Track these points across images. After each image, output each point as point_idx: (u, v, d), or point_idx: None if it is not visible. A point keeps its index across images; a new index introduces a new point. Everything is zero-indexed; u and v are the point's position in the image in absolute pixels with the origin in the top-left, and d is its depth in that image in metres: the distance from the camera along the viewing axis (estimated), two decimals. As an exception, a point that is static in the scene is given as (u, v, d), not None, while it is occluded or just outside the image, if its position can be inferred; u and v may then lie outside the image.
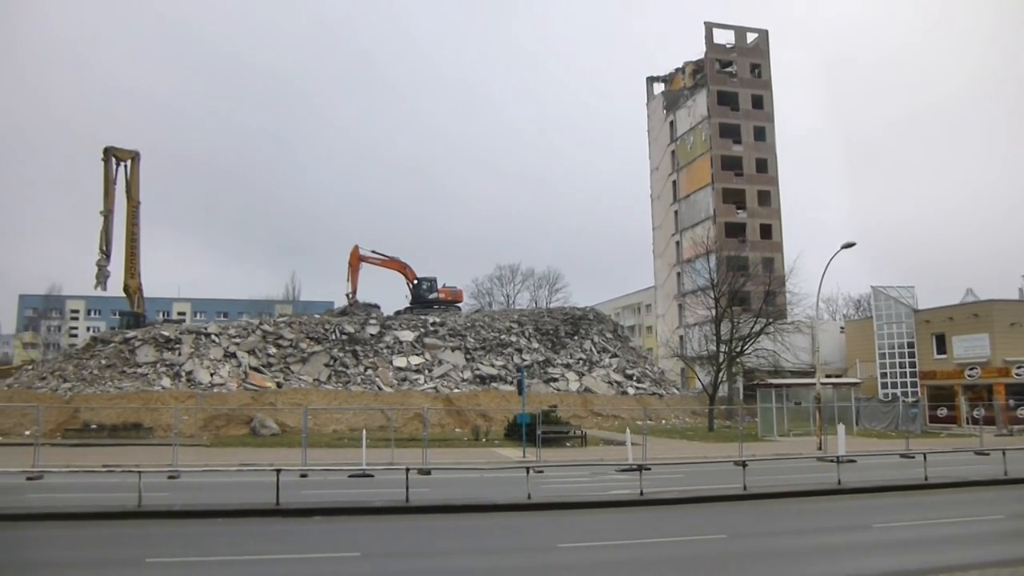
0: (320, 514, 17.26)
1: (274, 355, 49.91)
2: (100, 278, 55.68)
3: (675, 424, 48.26)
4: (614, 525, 16.92)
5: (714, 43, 79.89)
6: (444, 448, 32.33)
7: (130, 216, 57.21)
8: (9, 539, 14.52)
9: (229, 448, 32.23)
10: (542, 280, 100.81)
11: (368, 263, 64.97)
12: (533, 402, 39.80)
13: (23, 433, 34.45)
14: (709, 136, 77.22)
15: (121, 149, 57.28)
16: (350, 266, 63.80)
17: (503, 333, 57.32)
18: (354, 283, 64.04)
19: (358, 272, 64.10)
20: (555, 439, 33.80)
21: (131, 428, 36.27)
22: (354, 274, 63.87)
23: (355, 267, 63.79)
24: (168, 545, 14.09)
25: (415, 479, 19.29)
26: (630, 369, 57.75)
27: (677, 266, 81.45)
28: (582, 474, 25.08)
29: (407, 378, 50.10)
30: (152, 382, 44.80)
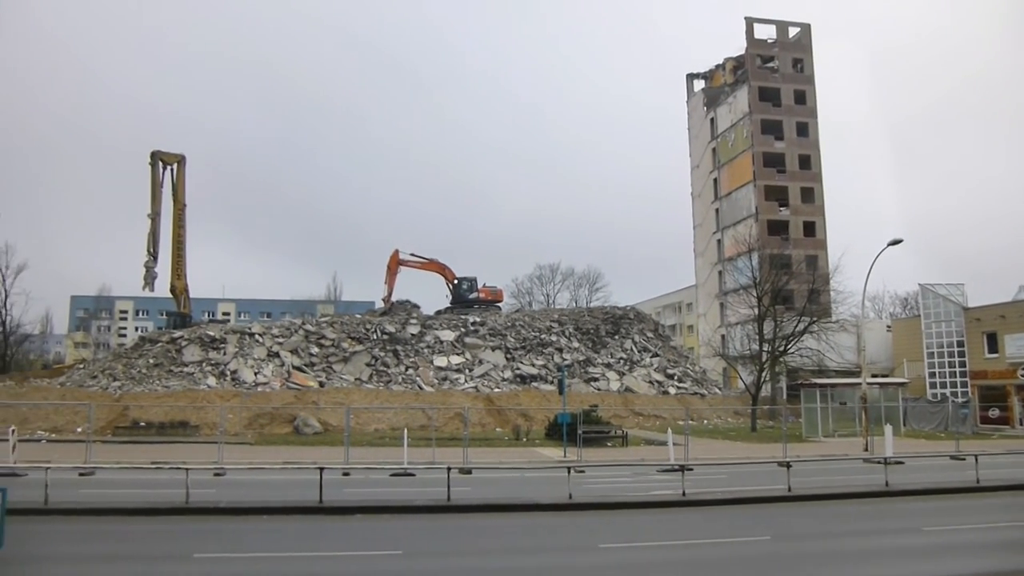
0: (362, 512, 17.41)
1: (316, 355, 50.50)
2: (148, 279, 56.90)
3: (717, 424, 47.77)
4: (656, 526, 16.78)
5: (755, 38, 78.87)
6: (485, 447, 32.40)
7: (176, 218, 58.39)
8: (64, 532, 14.88)
9: (273, 446, 32.67)
10: (582, 279, 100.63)
11: (408, 266, 65.36)
12: (574, 402, 39.69)
13: (76, 430, 35.34)
14: (751, 133, 76.28)
15: (167, 153, 58.49)
16: (388, 270, 64.19)
17: (543, 332, 57.28)
18: (391, 287, 64.50)
19: (396, 276, 64.49)
20: (596, 439, 33.67)
21: (178, 426, 36.90)
22: (392, 278, 64.26)
23: (393, 271, 64.18)
24: (215, 541, 14.33)
25: (456, 478, 19.35)
26: (671, 368, 57.32)
27: (718, 264, 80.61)
28: (623, 474, 24.93)
29: (448, 377, 50.34)
30: (198, 381, 45.64)
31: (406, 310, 63.05)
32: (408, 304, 65.07)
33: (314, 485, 17.93)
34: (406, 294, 68.92)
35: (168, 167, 58.24)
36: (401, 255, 64.56)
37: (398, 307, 63.75)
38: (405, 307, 64.22)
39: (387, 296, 64.58)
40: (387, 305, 64.16)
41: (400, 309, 63.32)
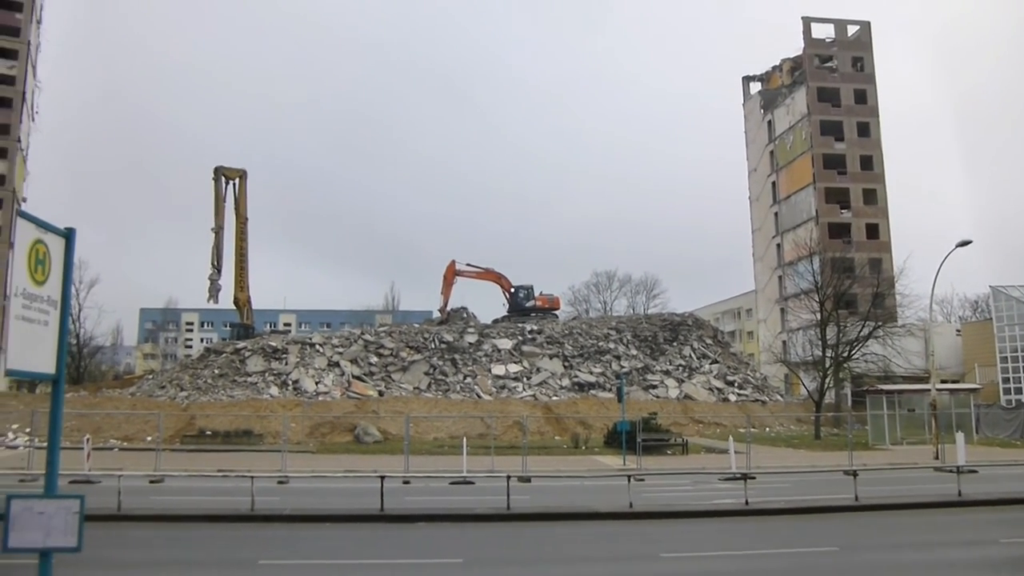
0: (423, 520, 17.52)
1: (375, 364, 51.10)
2: (212, 291, 58.39)
3: (779, 432, 46.82)
4: (719, 535, 16.52)
5: (812, 38, 77.46)
6: (543, 456, 32.32)
7: (239, 232, 59.83)
8: (136, 538, 15.32)
9: (334, 455, 33.09)
10: (639, 286, 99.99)
11: (464, 276, 65.68)
12: (632, 409, 39.34)
13: (146, 439, 36.36)
14: (810, 134, 74.83)
15: (230, 168, 60.00)
16: (444, 280, 64.56)
17: (601, 340, 56.99)
18: (446, 297, 64.84)
19: (452, 287, 64.82)
20: (655, 447, 33.33)
21: (242, 434, 37.62)
22: (447, 288, 64.60)
23: (450, 281, 64.50)
24: (279, 548, 14.57)
25: (515, 486, 19.35)
26: (731, 375, 56.45)
27: (778, 269, 79.18)
28: (684, 482, 24.59)
29: (506, 386, 50.43)
30: (261, 390, 46.59)
31: (462, 318, 63.37)
32: (464, 311, 65.38)
33: (375, 493, 18.11)
34: (462, 303, 69.23)
35: (231, 182, 59.75)
36: (457, 265, 64.93)
37: (454, 315, 64.14)
38: (461, 315, 64.54)
39: (443, 307, 65.03)
40: (443, 315, 64.59)
41: (456, 318, 63.68)
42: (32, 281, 5.04)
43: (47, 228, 5.20)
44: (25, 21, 60.66)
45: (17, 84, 59.77)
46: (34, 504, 5.22)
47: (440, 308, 65.31)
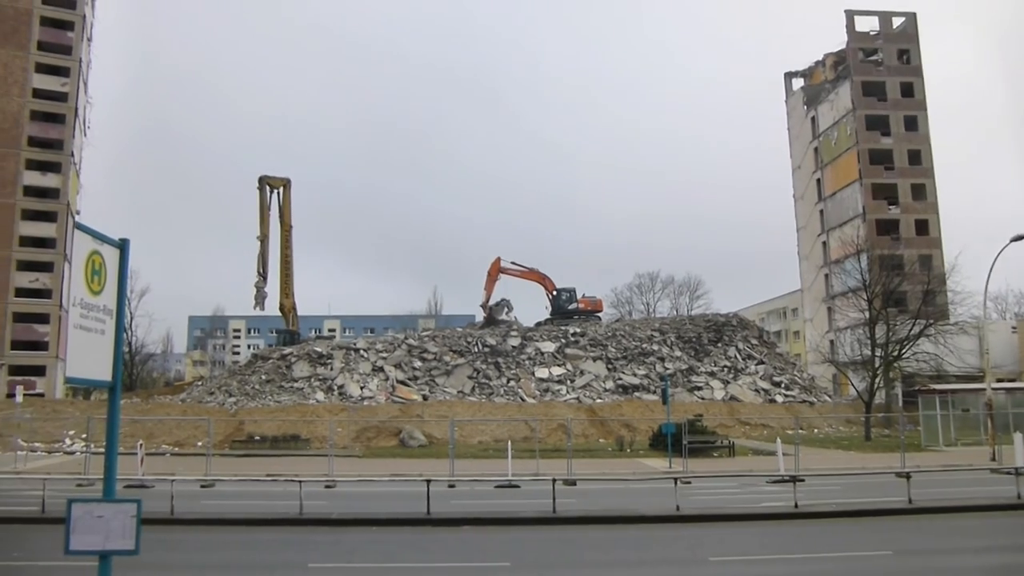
0: (469, 524, 17.57)
1: (419, 368, 51.43)
2: (258, 299, 59.39)
3: (828, 433, 46.02)
4: (768, 539, 16.28)
5: (856, 31, 76.10)
6: (588, 459, 32.20)
7: (284, 240, 60.78)
8: (189, 541, 15.63)
9: (380, 459, 33.38)
10: (682, 287, 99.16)
11: (508, 274, 65.85)
12: (677, 411, 39.00)
13: (197, 444, 37.08)
14: (855, 130, 73.51)
15: (274, 177, 60.97)
16: (488, 276, 64.85)
17: (644, 342, 56.63)
18: (489, 293, 65.11)
19: (495, 283, 65.10)
20: (701, 449, 32.98)
21: (290, 439, 38.15)
22: (491, 283, 64.90)
23: (493, 277, 64.81)
24: (328, 551, 14.74)
25: (561, 490, 19.29)
26: (777, 376, 55.66)
27: (825, 267, 77.90)
28: (731, 485, 24.32)
29: (549, 389, 50.38)
30: (307, 396, 47.19)
31: (504, 320, 63.64)
32: (505, 304, 65.60)
33: (421, 497, 18.22)
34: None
35: (275, 191, 60.72)
36: (503, 263, 65.19)
37: (496, 309, 64.52)
38: (501, 306, 64.92)
39: (484, 301, 65.29)
40: (484, 310, 64.95)
41: (497, 312, 64.15)
42: (89, 291, 5.18)
43: (103, 239, 5.34)
44: (76, 39, 62.37)
45: (69, 100, 61.47)
46: (93, 508, 5.35)
47: (482, 303, 65.56)
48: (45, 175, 59.71)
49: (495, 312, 64.42)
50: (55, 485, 19.76)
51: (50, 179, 59.93)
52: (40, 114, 60.06)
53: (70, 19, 62.23)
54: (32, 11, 60.33)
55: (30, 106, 59.40)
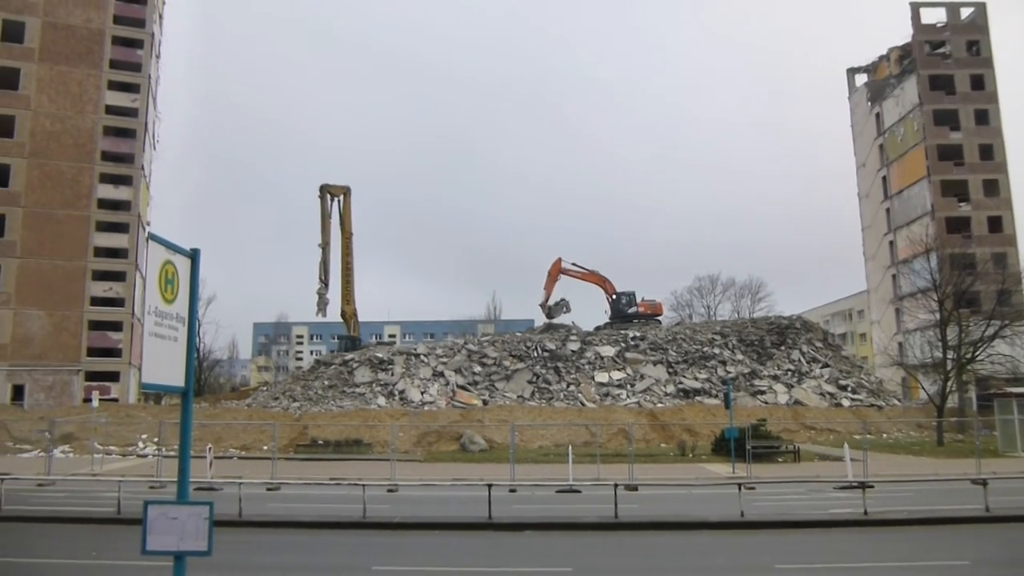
0: (531, 528, 17.57)
1: (479, 373, 51.66)
2: (320, 305, 60.48)
3: (898, 438, 44.67)
4: (836, 546, 15.89)
5: (922, 24, 73.87)
6: (650, 463, 31.89)
7: (344, 247, 61.80)
8: (257, 543, 15.99)
9: (441, 463, 33.60)
10: (743, 290, 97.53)
11: (568, 275, 65.86)
12: (740, 415, 38.38)
13: (262, 448, 37.90)
14: (922, 125, 71.30)
15: (334, 185, 62.09)
16: (549, 276, 64.98)
17: (705, 345, 55.89)
18: (549, 292, 65.19)
19: (555, 283, 65.25)
20: (765, 454, 32.36)
21: (352, 444, 38.67)
22: (551, 283, 65.05)
23: (554, 277, 64.99)
24: (392, 554, 14.91)
25: (622, 495, 19.16)
26: (844, 379, 54.29)
27: (892, 268, 75.73)
28: (797, 491, 23.79)
29: (609, 393, 50.09)
30: (369, 401, 47.81)
31: (563, 324, 63.67)
32: (564, 304, 65.63)
33: (483, 501, 18.29)
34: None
35: (335, 199, 61.82)
36: (564, 263, 65.26)
37: (555, 309, 64.59)
38: (560, 306, 64.93)
39: (544, 301, 65.34)
40: (544, 309, 65.04)
41: (557, 311, 64.02)
42: (162, 299, 5.36)
43: (175, 249, 5.52)
44: (145, 57, 64.47)
45: (139, 115, 63.55)
46: (168, 510, 5.53)
47: (541, 303, 65.62)
48: (117, 188, 61.82)
49: (554, 312, 64.74)
50: (129, 487, 20.43)
51: (122, 192, 62.02)
52: (112, 129, 62.26)
53: (139, 37, 64.38)
54: (104, 31, 62.59)
55: (103, 122, 61.60)
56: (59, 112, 60.29)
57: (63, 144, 59.98)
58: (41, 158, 59.11)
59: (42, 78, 60.10)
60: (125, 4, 64.27)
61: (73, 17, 61.82)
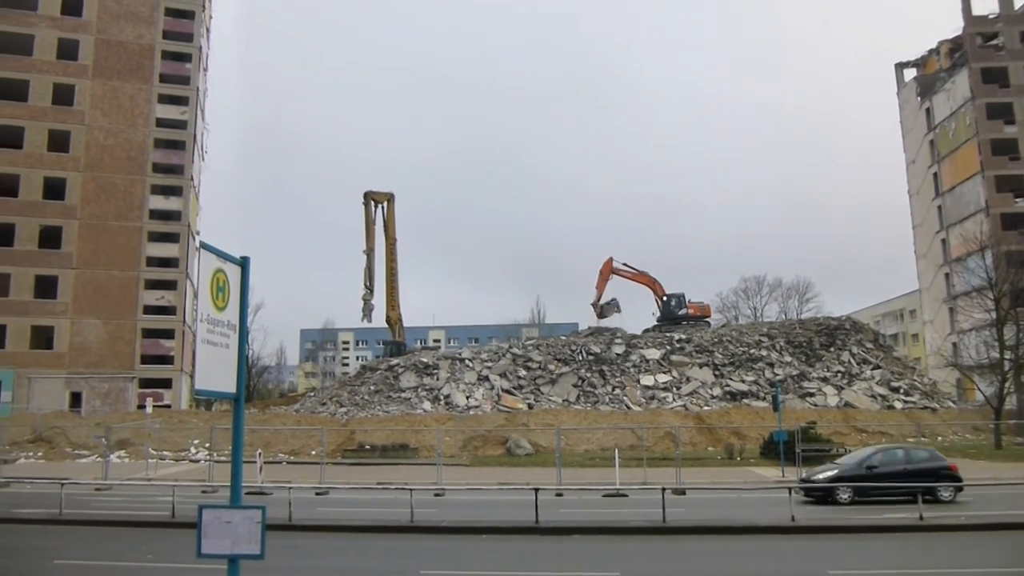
0: (578, 533, 17.51)
1: (524, 377, 51.66)
2: (366, 311, 61.08)
3: (954, 441, 43.54)
4: (892, 552, 15.55)
5: (973, 16, 72.08)
6: (697, 467, 31.58)
7: (389, 253, 62.37)
8: (306, 547, 16.18)
9: (487, 467, 33.67)
10: (791, 290, 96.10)
11: (619, 275, 65.63)
12: (789, 418, 37.78)
13: (311, 453, 38.40)
14: (975, 119, 69.51)
15: (378, 192, 62.72)
16: (600, 275, 64.86)
17: (752, 347, 55.15)
18: (600, 292, 65.01)
19: (607, 282, 65.09)
20: (816, 457, 31.74)
21: (399, 448, 38.93)
22: (602, 283, 64.90)
23: (605, 276, 64.87)
24: (439, 558, 14.97)
25: (670, 499, 18.99)
26: (895, 381, 53.10)
27: (945, 266, 73.89)
28: (849, 495, 23.32)
29: (655, 396, 49.71)
30: (415, 405, 48.12)
31: (614, 308, 64.07)
32: (615, 304, 65.46)
33: (529, 505, 18.29)
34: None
35: (379, 205, 62.43)
36: (615, 263, 65.09)
37: (607, 308, 64.50)
38: (612, 305, 64.94)
39: (596, 300, 65.19)
40: (595, 308, 64.92)
41: (608, 309, 64.55)
42: (214, 307, 5.47)
43: (225, 258, 5.63)
44: (194, 70, 65.98)
45: (188, 127, 65.03)
46: (222, 514, 5.63)
47: (593, 302, 65.45)
48: (168, 199, 63.31)
49: (606, 311, 64.74)
50: (182, 491, 20.88)
51: (172, 202, 63.48)
52: (163, 142, 63.82)
53: (188, 51, 65.89)
54: (154, 46, 64.21)
55: (154, 134, 63.17)
56: (112, 126, 61.99)
57: (116, 157, 61.66)
58: (95, 171, 60.83)
59: (96, 93, 61.87)
60: (174, 19, 65.85)
61: (124, 34, 63.56)
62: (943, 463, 22.74)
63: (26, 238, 58.30)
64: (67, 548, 15.85)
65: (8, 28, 60.22)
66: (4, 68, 59.80)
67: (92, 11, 62.73)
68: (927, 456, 23.48)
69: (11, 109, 59.35)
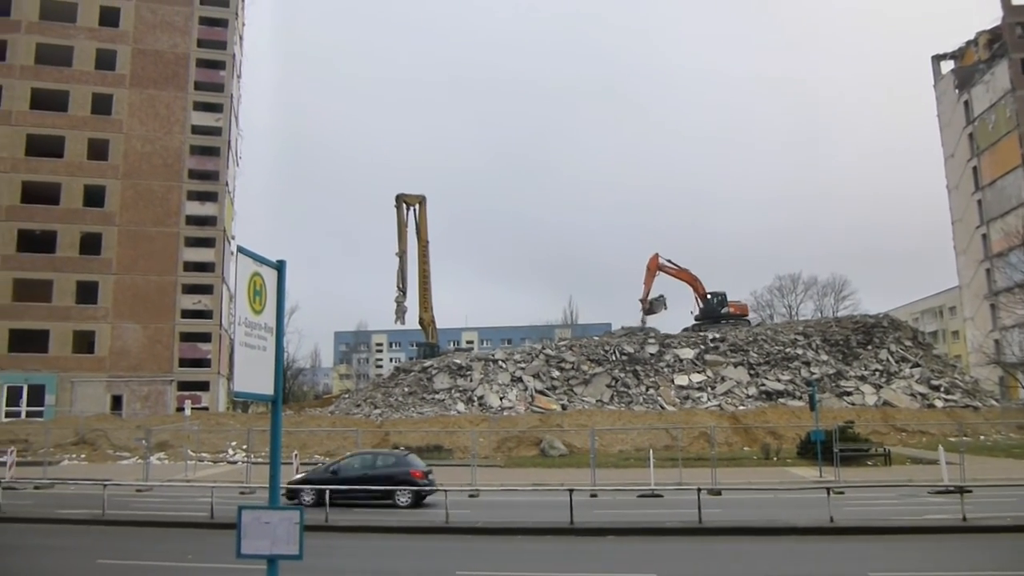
0: (613, 534, 17.45)
1: (557, 378, 51.59)
2: (399, 313, 61.39)
3: (997, 440, 42.63)
4: (933, 553, 15.26)
5: (1012, 5, 70.60)
6: (732, 467, 31.30)
7: (421, 255, 62.65)
8: (343, 547, 16.31)
9: (521, 468, 33.68)
10: (826, 288, 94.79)
11: (664, 271, 65.36)
12: (826, 418, 37.29)
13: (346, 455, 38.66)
14: (1015, 111, 68.05)
15: (410, 195, 63.03)
16: (648, 270, 64.64)
17: (788, 346, 54.53)
18: (648, 288, 64.73)
19: (654, 278, 64.83)
20: (854, 457, 31.37)
21: (433, 449, 39.02)
22: (650, 278, 64.62)
23: (652, 272, 64.63)
24: (475, 559, 15.01)
25: (706, 499, 18.83)
26: (935, 379, 52.13)
27: (986, 262, 72.43)
28: (889, 496, 22.98)
29: (689, 396, 49.36)
30: (448, 407, 48.28)
31: (662, 304, 64.41)
32: (662, 298, 65.26)
33: (564, 506, 18.26)
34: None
35: (411, 208, 62.74)
36: (660, 259, 64.87)
37: (656, 303, 64.64)
38: (660, 301, 65.09)
39: (644, 296, 64.94)
40: (644, 304, 64.68)
41: (657, 304, 64.60)
42: (251, 310, 5.55)
43: (262, 261, 5.71)
44: (228, 77, 66.90)
45: (223, 134, 65.97)
46: (261, 515, 5.71)
47: (641, 297, 65.16)
48: (204, 204, 64.25)
49: (655, 307, 64.53)
50: (221, 493, 21.15)
51: (208, 208, 64.42)
52: (198, 148, 64.83)
53: (221, 59, 66.83)
54: (189, 55, 65.28)
55: (189, 141, 64.20)
56: (149, 134, 63.12)
57: (153, 164, 62.77)
58: (133, 178, 61.98)
59: (133, 102, 63.05)
60: (208, 28, 66.86)
61: (160, 43, 64.69)
62: (406, 469, 23.09)
63: (67, 245, 59.60)
64: (110, 548, 16.17)
65: (49, 40, 61.69)
66: (45, 79, 61.28)
67: (129, 21, 63.96)
68: (392, 462, 23.80)
69: (52, 119, 60.76)
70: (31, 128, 60.45)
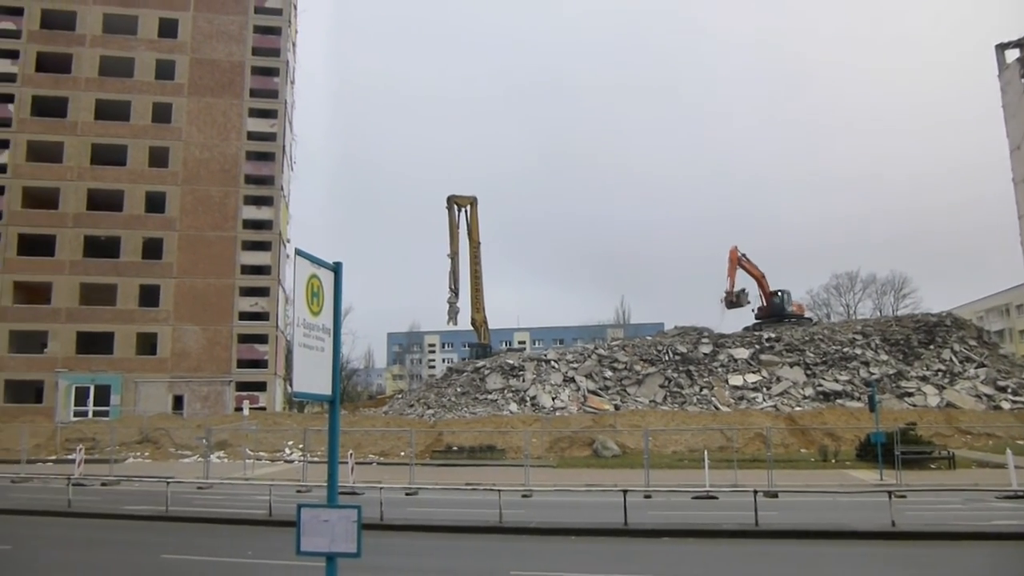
0: (668, 535, 17.29)
1: (610, 378, 51.35)
2: (451, 314, 61.83)
3: (1070, 443, 41.11)
4: (999, 560, 14.80)
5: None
6: (789, 469, 30.73)
7: (473, 256, 62.98)
8: (398, 546, 16.49)
9: (574, 469, 33.59)
10: (885, 286, 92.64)
11: (740, 266, 64.73)
12: (886, 419, 36.38)
13: (400, 454, 39.09)
14: (1085, 102, 65.61)
15: (461, 196, 63.44)
16: (730, 263, 64.09)
17: (846, 346, 53.38)
18: (732, 280, 64.15)
19: (736, 270, 64.28)
20: (916, 460, 30.53)
21: (486, 450, 39.17)
22: (732, 271, 64.09)
23: (734, 264, 64.08)
24: (528, 559, 15.02)
25: (762, 502, 18.56)
26: (1003, 380, 50.45)
27: (1054, 257, 69.92)
28: (953, 500, 22.31)
29: (744, 396, 48.67)
30: (501, 407, 48.41)
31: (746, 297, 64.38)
32: (745, 292, 65.06)
33: (617, 507, 18.16)
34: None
35: (463, 209, 63.13)
36: (738, 252, 64.36)
37: (742, 296, 64.42)
38: (745, 293, 64.94)
39: (729, 288, 64.35)
40: (728, 297, 64.39)
41: (743, 297, 64.41)
42: (309, 312, 5.66)
43: (319, 263, 5.82)
44: (281, 84, 68.24)
45: (277, 139, 67.32)
46: (320, 513, 5.81)
47: (727, 290, 64.57)
48: (260, 208, 65.65)
49: (741, 299, 63.91)
50: (278, 491, 21.57)
51: (264, 212, 65.79)
52: (254, 154, 66.28)
53: (275, 66, 68.19)
54: (244, 63, 66.82)
55: (245, 147, 65.72)
56: (207, 141, 64.74)
57: (211, 170, 64.36)
58: (192, 184, 63.64)
59: (191, 110, 64.75)
60: (262, 36, 68.25)
61: (216, 52, 66.28)
62: None
63: (131, 250, 61.50)
64: (173, 543, 16.60)
65: (111, 52, 63.82)
66: (109, 90, 63.40)
67: (187, 32, 65.72)
68: None
69: (116, 128, 62.79)
70: (95, 138, 62.60)
